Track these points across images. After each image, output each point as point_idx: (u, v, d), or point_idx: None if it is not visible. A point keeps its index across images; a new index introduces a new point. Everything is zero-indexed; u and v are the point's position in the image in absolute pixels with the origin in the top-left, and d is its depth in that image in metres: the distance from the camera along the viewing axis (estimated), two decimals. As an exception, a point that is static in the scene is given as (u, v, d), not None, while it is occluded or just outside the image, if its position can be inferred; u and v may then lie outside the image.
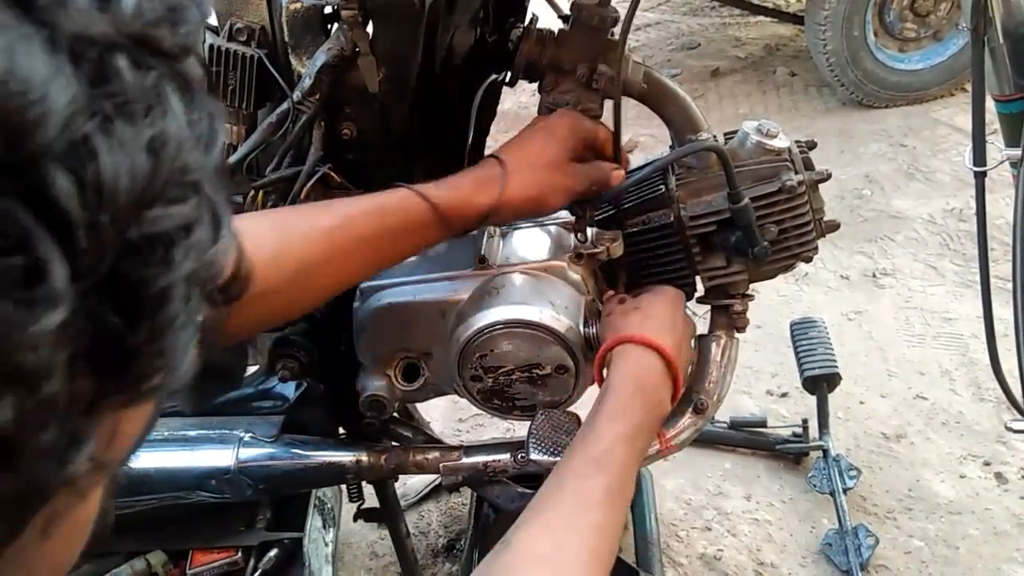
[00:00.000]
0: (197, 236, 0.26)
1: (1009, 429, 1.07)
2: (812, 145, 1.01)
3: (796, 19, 3.36)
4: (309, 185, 0.83)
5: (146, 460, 1.06)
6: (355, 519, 1.34)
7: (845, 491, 1.52)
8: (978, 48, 1.02)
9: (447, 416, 1.86)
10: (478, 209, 0.80)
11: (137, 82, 0.24)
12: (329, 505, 1.48)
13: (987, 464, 1.64)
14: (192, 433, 1.08)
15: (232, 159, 0.83)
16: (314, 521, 1.39)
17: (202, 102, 0.27)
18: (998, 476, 1.61)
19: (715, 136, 0.99)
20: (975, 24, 1.01)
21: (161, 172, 0.24)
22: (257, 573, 1.27)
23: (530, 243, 0.99)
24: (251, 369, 1.15)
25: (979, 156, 1.08)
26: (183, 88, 0.26)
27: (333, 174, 0.85)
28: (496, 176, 0.80)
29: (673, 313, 0.89)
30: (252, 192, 0.86)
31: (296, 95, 0.82)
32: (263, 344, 0.97)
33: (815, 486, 1.59)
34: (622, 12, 0.88)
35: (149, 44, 0.25)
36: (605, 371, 0.85)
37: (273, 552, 1.25)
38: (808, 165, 0.98)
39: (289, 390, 1.11)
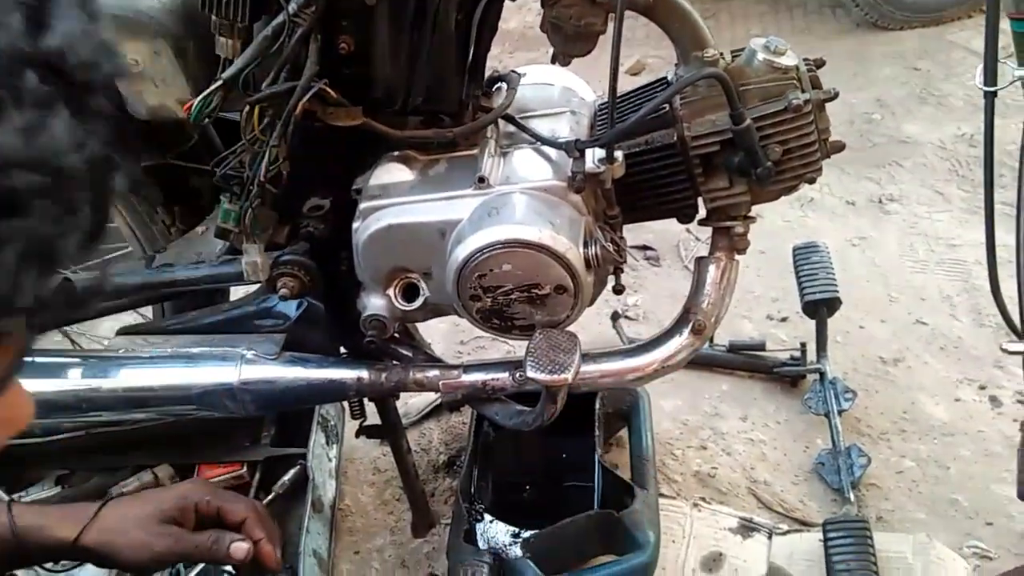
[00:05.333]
0: (35, 214, 0.34)
1: (1004, 351, 1.07)
2: (820, 63, 0.99)
3: (811, -65, 3.24)
4: (305, 100, 0.82)
5: (151, 376, 1.07)
6: (357, 436, 1.37)
7: (840, 413, 1.54)
8: (994, -37, 0.99)
9: (448, 338, 1.87)
10: (57, 539, 0.84)
11: (33, 88, 0.33)
12: (332, 422, 1.51)
13: (982, 388, 1.66)
14: (195, 350, 1.10)
15: (227, 74, 0.82)
16: (318, 437, 1.42)
17: (97, 126, 0.36)
18: (992, 399, 1.63)
19: (722, 54, 0.97)
20: (991, -63, 0.97)
21: (23, 152, 0.32)
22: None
23: (530, 163, 0.98)
24: (252, 287, 1.15)
25: (990, 75, 1.06)
26: (77, 108, 0.35)
27: (329, 90, 0.84)
28: (86, 515, 0.85)
29: None
30: (247, 107, 0.85)
31: (292, 7, 0.80)
32: (264, 262, 0.97)
33: (811, 408, 1.61)
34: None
35: (56, 69, 0.34)
36: None
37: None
38: (815, 84, 0.96)
39: (290, 309, 1.12)
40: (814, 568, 1.30)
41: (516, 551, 1.21)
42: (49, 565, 0.90)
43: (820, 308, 1.61)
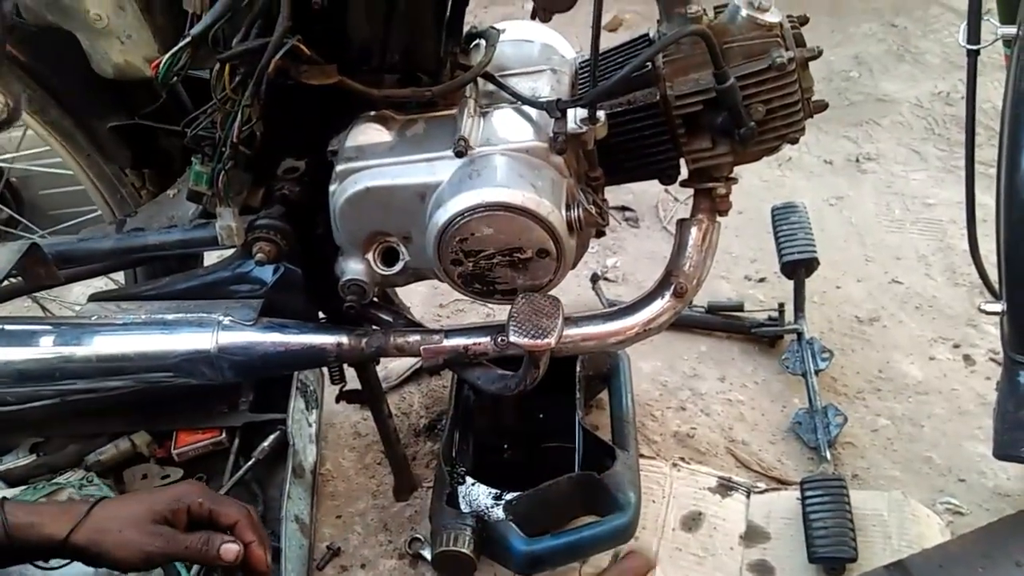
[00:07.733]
0: None
1: (982, 311, 1.08)
2: (804, 20, 0.97)
3: None
4: (278, 58, 0.79)
5: (125, 343, 1.05)
6: (337, 401, 1.35)
7: (817, 372, 1.56)
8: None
9: (427, 301, 1.86)
10: (47, 537, 0.83)
11: None
12: (311, 387, 1.50)
13: (956, 346, 1.68)
14: (170, 317, 1.07)
15: (196, 30, 0.79)
16: (297, 403, 1.41)
17: None
18: (966, 358, 1.65)
19: (704, 10, 0.95)
20: None
21: None
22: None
23: (511, 124, 0.96)
24: (226, 252, 1.13)
25: (974, 34, 1.05)
26: None
27: (303, 47, 0.81)
28: (78, 514, 0.85)
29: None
30: (218, 66, 0.82)
31: (261, -40, 0.77)
32: (239, 226, 0.95)
33: (788, 368, 1.62)
34: None
35: None
36: None
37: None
38: (799, 41, 0.94)
39: (266, 274, 1.09)
40: (792, 526, 1.32)
41: (498, 513, 1.21)
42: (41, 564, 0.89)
43: (798, 269, 1.61)
